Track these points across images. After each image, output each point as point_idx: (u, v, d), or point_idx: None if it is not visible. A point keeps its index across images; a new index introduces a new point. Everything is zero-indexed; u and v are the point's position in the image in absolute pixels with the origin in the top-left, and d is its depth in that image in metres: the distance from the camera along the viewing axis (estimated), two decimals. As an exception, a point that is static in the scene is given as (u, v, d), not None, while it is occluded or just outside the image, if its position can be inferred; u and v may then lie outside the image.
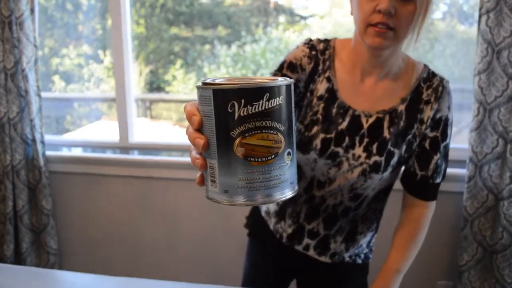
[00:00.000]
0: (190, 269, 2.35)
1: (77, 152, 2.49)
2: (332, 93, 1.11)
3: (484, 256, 1.97)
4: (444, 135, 1.12)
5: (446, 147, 1.14)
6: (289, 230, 1.23)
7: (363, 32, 1.02)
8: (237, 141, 0.55)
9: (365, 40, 1.02)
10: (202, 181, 0.62)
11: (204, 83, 0.58)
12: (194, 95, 2.75)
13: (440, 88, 1.11)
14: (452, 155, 2.15)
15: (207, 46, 2.88)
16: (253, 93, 0.54)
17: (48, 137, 2.45)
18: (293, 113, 0.60)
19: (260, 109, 0.55)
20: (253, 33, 2.77)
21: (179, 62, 2.85)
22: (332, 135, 1.10)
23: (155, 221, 2.35)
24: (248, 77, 0.63)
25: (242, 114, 0.54)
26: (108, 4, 2.28)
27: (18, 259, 2.32)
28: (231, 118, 0.55)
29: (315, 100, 1.12)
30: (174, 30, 2.89)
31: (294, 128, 0.60)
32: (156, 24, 2.90)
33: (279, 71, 1.13)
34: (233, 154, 0.56)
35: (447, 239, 2.11)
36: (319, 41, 1.16)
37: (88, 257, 2.45)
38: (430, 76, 1.13)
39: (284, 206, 1.24)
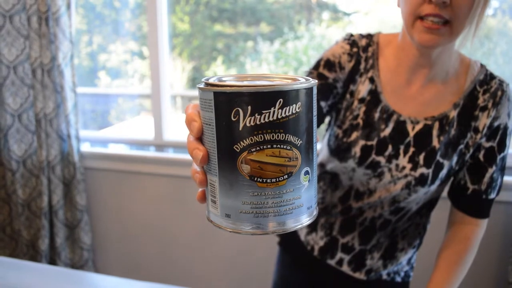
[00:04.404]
0: (221, 269, 2.29)
1: (111, 148, 2.49)
2: (375, 95, 0.99)
3: (540, 274, 1.80)
4: (502, 146, 0.98)
5: (504, 159, 0.99)
6: (321, 243, 1.13)
7: (411, 27, 0.88)
8: (241, 156, 0.45)
9: (414, 37, 0.89)
10: (203, 198, 0.52)
11: (206, 84, 0.47)
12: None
13: (499, 93, 0.96)
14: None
15: (250, 43, 2.85)
16: (263, 98, 0.43)
17: (84, 133, 2.47)
18: (314, 123, 0.49)
19: (271, 118, 0.44)
20: (295, 29, 2.72)
21: (220, 59, 2.82)
22: (374, 142, 0.99)
23: (188, 220, 2.31)
24: (263, 74, 0.52)
25: (248, 124, 0.44)
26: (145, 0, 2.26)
27: (53, 254, 2.34)
28: (235, 128, 0.45)
29: (355, 102, 1.01)
30: (217, 27, 2.87)
31: (314, 140, 0.49)
32: (200, 21, 2.90)
33: (315, 69, 1.02)
34: (237, 172, 0.46)
35: (497, 253, 1.95)
36: (361, 36, 1.04)
37: (121, 253, 2.44)
38: (487, 79, 0.98)
39: (316, 216, 1.13)
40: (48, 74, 2.14)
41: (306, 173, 0.48)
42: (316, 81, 0.49)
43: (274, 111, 0.44)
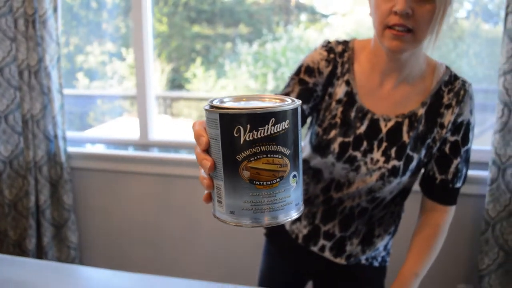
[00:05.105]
0: (207, 266, 2.36)
1: (98, 149, 2.53)
2: (351, 96, 1.10)
3: (506, 261, 1.93)
4: (466, 140, 1.09)
5: (468, 152, 1.11)
6: (305, 231, 1.22)
7: (381, 35, 1.00)
8: (242, 164, 0.55)
9: (383, 43, 1.00)
10: (209, 199, 0.62)
11: (211, 106, 0.57)
12: (213, 93, 2.77)
13: (462, 92, 1.08)
14: (474, 157, 2.09)
15: (229, 44, 2.89)
16: (259, 118, 0.54)
17: (70, 134, 2.50)
18: (299, 135, 0.59)
19: (266, 134, 0.54)
20: (274, 31, 2.77)
21: (199, 60, 2.87)
22: (350, 139, 1.09)
23: (173, 218, 2.37)
24: (257, 96, 0.62)
25: (248, 139, 0.54)
26: (130, 2, 2.31)
27: (40, 253, 2.37)
28: (237, 142, 0.55)
29: (333, 103, 1.11)
30: (196, 28, 2.90)
31: (300, 149, 0.59)
32: (178, 22, 2.91)
33: (297, 75, 1.12)
34: (239, 177, 0.56)
35: (468, 243, 2.08)
36: (338, 42, 1.14)
37: (108, 251, 2.49)
38: (452, 79, 1.09)
39: (303, 211, 1.22)
40: (35, 75, 2.17)
41: (294, 176, 0.58)
42: (300, 101, 0.59)
43: (268, 128, 0.54)
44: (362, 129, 1.09)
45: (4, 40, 2.16)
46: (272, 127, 0.54)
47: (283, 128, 0.55)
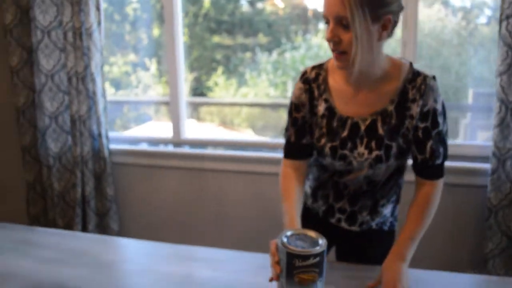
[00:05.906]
0: (237, 248, 2.57)
1: (137, 146, 2.79)
2: (331, 110, 1.32)
3: (509, 245, 2.09)
4: (435, 124, 1.27)
5: (440, 134, 1.29)
6: (323, 208, 1.47)
7: (332, 55, 1.22)
8: (295, 275, 1.03)
9: (334, 62, 1.23)
10: (271, 280, 1.13)
11: (282, 243, 1.05)
12: (235, 99, 2.95)
13: (423, 86, 1.26)
14: (476, 152, 2.26)
15: (248, 54, 2.99)
16: (306, 256, 1.02)
17: (111, 133, 2.75)
18: (325, 260, 1.06)
19: (309, 263, 1.02)
20: (293, 40, 2.88)
21: (220, 69, 3.01)
22: (337, 143, 1.31)
23: (205, 208, 2.61)
24: (306, 230, 1.12)
25: (299, 265, 1.02)
26: (163, 13, 2.52)
27: (85, 240, 2.63)
28: (293, 265, 1.03)
29: (319, 119, 1.33)
30: (216, 39, 3.02)
31: (324, 267, 1.06)
32: (199, 33, 3.04)
33: (290, 114, 1.36)
34: (292, 280, 1.04)
35: (474, 230, 2.23)
36: (312, 68, 1.35)
37: (146, 238, 2.66)
38: (414, 77, 1.27)
39: (316, 190, 1.48)
40: (82, 81, 2.45)
41: (320, 280, 1.05)
42: (326, 242, 1.07)
43: (310, 260, 1.02)
44: (345, 133, 1.31)
45: (54, 51, 2.45)
46: (312, 260, 1.02)
47: (318, 260, 1.02)
